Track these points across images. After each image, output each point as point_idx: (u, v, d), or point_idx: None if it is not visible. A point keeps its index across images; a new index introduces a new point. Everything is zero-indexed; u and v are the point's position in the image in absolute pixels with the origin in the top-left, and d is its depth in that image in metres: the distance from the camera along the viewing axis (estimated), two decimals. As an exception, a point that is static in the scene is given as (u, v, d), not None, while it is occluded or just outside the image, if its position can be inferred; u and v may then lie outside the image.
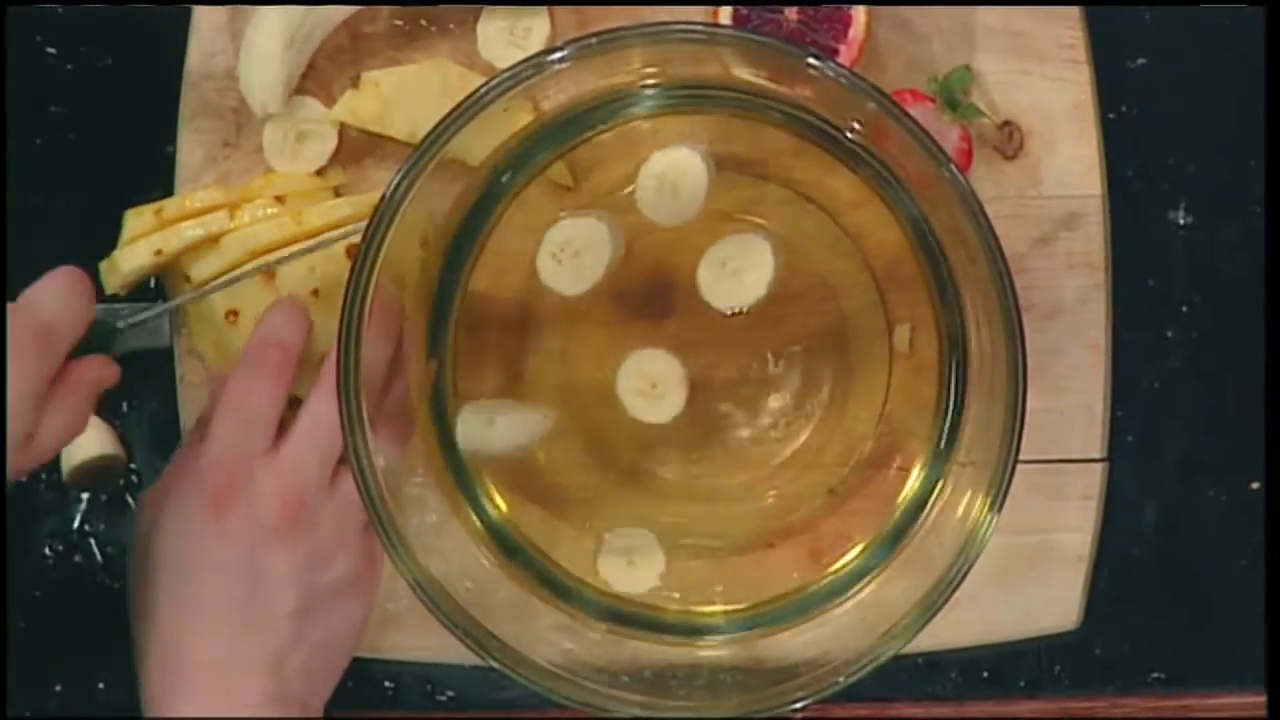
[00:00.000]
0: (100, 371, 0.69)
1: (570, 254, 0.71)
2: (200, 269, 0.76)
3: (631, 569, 0.73)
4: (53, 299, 0.67)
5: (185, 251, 0.75)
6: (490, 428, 0.72)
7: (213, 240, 0.75)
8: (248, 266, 0.74)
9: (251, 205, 0.76)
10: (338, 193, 0.78)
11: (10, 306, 0.66)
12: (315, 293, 0.75)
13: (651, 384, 0.72)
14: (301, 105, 0.77)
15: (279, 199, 0.76)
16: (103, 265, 0.76)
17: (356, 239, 0.74)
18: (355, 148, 0.78)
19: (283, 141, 0.77)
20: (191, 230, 0.75)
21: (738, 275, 0.71)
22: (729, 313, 0.72)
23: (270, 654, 0.69)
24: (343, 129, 0.78)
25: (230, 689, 0.69)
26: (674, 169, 0.71)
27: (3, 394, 0.63)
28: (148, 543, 0.71)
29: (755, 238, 0.71)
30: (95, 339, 0.69)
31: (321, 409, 0.69)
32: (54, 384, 0.66)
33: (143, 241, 0.75)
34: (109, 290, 0.77)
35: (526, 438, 0.73)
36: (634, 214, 0.73)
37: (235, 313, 0.75)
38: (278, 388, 0.70)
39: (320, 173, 0.78)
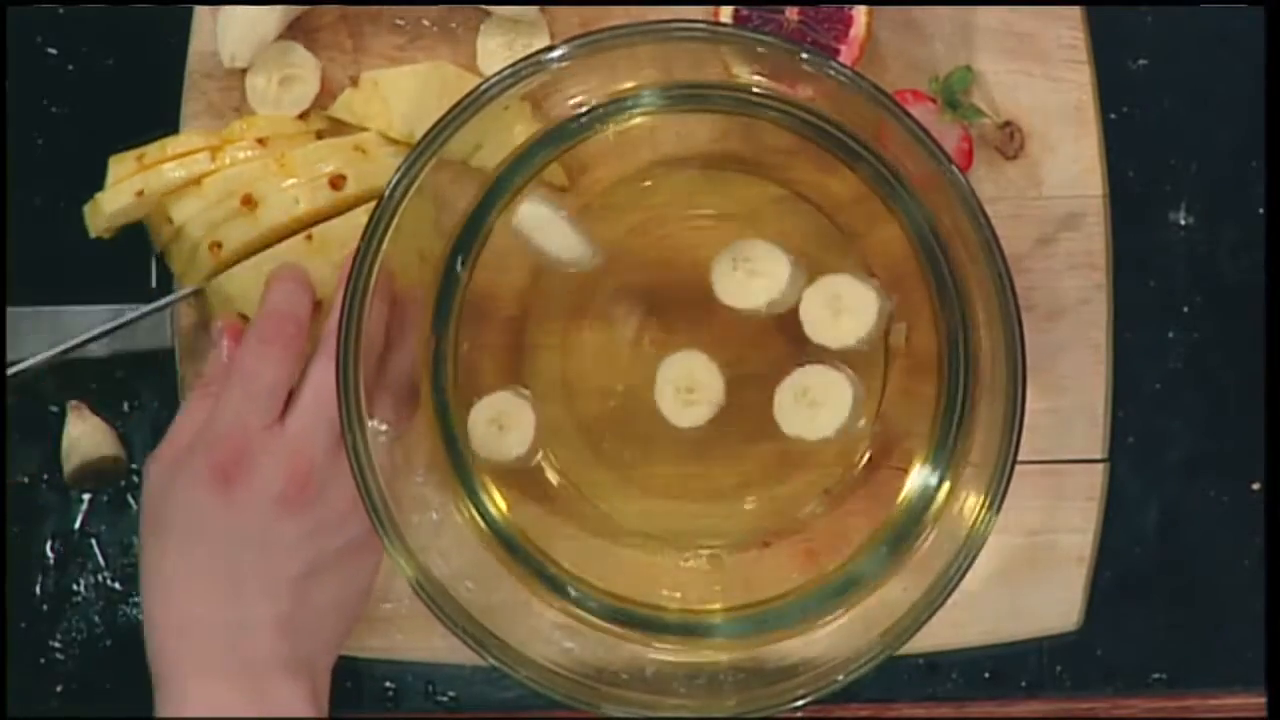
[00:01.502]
0: None
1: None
2: (182, 210, 0.75)
3: (501, 434, 0.72)
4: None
5: (168, 193, 0.75)
6: (548, 221, 0.72)
7: (195, 182, 0.75)
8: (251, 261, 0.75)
9: (233, 147, 0.76)
10: (319, 136, 0.78)
11: None
12: (309, 238, 0.75)
13: (690, 388, 0.72)
14: (286, 50, 0.77)
15: (261, 141, 0.76)
16: (86, 208, 0.76)
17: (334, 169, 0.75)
18: (338, 93, 0.78)
19: (265, 85, 0.77)
20: (173, 171, 0.75)
21: (814, 407, 0.71)
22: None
23: (277, 616, 0.70)
24: (325, 73, 0.78)
25: (236, 649, 0.69)
26: (849, 296, 0.71)
27: (3, 391, 0.64)
28: (156, 508, 0.71)
29: (838, 374, 0.71)
30: None
31: (325, 377, 0.69)
32: None
33: (125, 184, 0.75)
34: (93, 233, 0.76)
35: (569, 255, 0.73)
36: (640, 211, 0.74)
37: (219, 244, 0.75)
38: (289, 360, 0.71)
39: (303, 116, 0.78)
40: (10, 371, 0.75)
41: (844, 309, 0.71)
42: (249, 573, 0.69)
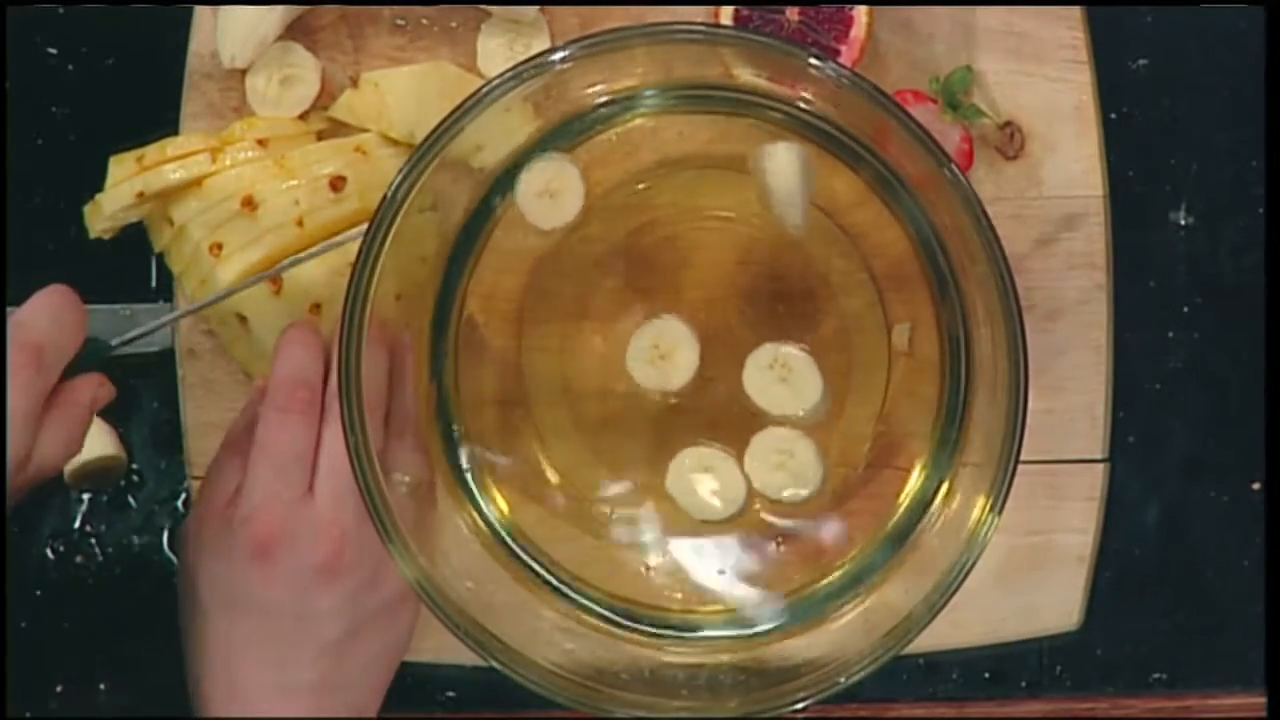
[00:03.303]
0: (95, 391, 0.70)
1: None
2: (183, 211, 0.75)
3: (554, 200, 0.72)
4: (45, 318, 0.67)
5: (168, 194, 0.75)
6: (795, 172, 0.72)
7: (196, 184, 0.75)
8: (251, 280, 0.74)
9: (234, 148, 0.76)
10: (320, 137, 0.78)
11: None
12: (300, 222, 0.75)
13: (664, 355, 0.72)
14: (287, 51, 0.77)
15: (261, 142, 0.76)
16: (86, 208, 0.76)
17: (334, 170, 0.75)
18: (339, 93, 0.78)
19: (265, 86, 0.77)
20: (173, 172, 0.75)
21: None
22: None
23: (320, 679, 0.70)
24: (326, 74, 0.78)
25: (283, 710, 0.70)
26: (799, 457, 0.72)
27: (3, 405, 0.64)
28: (194, 578, 0.72)
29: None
30: (88, 357, 0.69)
31: (338, 441, 0.69)
32: (49, 403, 0.67)
33: (125, 184, 0.75)
34: (93, 233, 0.77)
35: (786, 205, 0.72)
36: (641, 212, 0.74)
37: (219, 245, 0.75)
38: (310, 426, 0.71)
39: (303, 117, 0.78)
40: None
41: (786, 466, 0.72)
42: (291, 641, 0.70)
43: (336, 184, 0.75)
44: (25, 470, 0.66)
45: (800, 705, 0.65)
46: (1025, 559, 0.78)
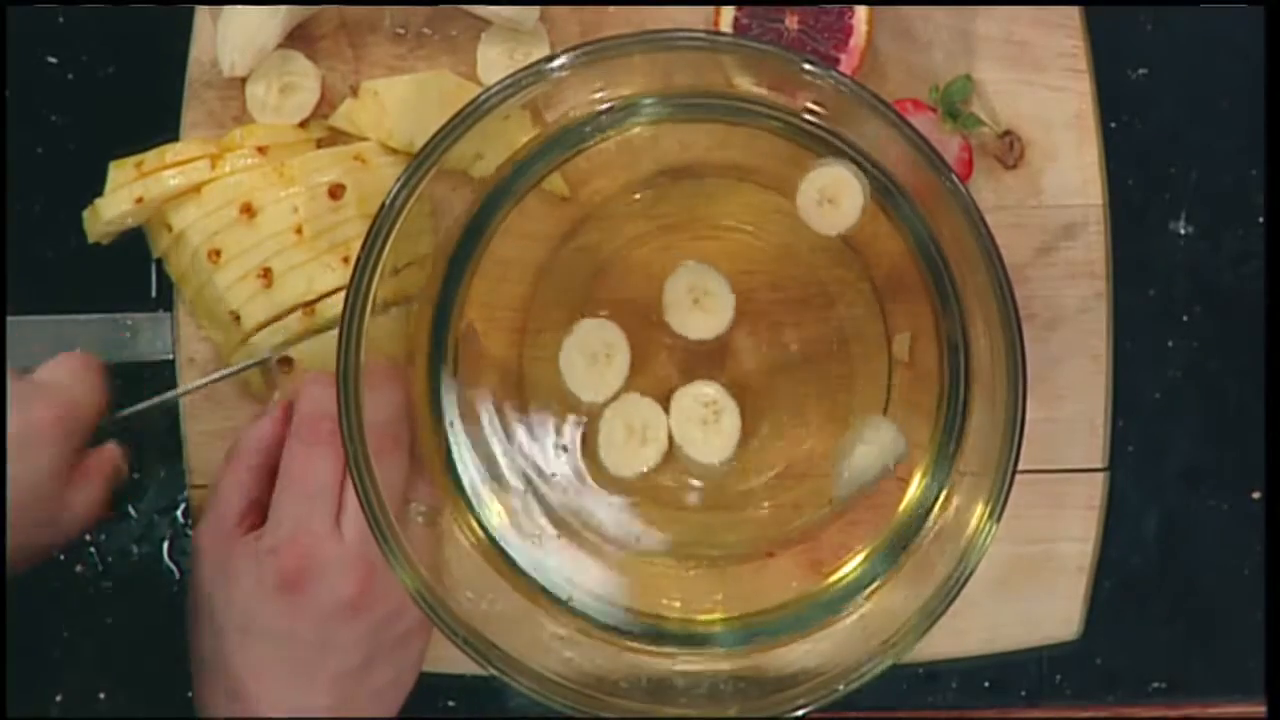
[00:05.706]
0: (118, 461, 0.74)
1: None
2: (182, 217, 0.75)
3: (832, 207, 0.71)
4: (69, 380, 0.70)
5: (167, 200, 0.75)
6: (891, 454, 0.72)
7: (195, 190, 0.75)
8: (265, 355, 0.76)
9: (233, 155, 0.76)
10: (319, 145, 0.78)
11: (23, 385, 0.69)
12: (298, 229, 0.75)
13: (702, 295, 0.71)
14: (287, 59, 0.77)
15: (260, 150, 0.76)
16: (85, 213, 0.76)
17: (333, 178, 0.75)
18: (338, 102, 0.78)
19: (265, 93, 0.77)
20: (172, 178, 0.75)
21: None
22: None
23: (335, 704, 0.70)
24: (326, 82, 0.78)
25: None
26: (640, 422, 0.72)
27: (3, 428, 0.64)
28: (209, 601, 0.72)
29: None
30: (101, 426, 0.73)
31: None
32: (77, 467, 0.71)
33: (124, 190, 0.75)
34: (91, 239, 0.77)
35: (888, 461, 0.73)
36: (641, 221, 0.74)
37: (217, 252, 0.75)
38: (336, 459, 0.71)
39: (303, 125, 0.78)
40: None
41: (644, 439, 0.72)
42: (308, 668, 0.70)
43: (335, 192, 0.75)
44: (53, 530, 0.70)
45: (800, 713, 0.65)
46: (1025, 568, 0.78)
